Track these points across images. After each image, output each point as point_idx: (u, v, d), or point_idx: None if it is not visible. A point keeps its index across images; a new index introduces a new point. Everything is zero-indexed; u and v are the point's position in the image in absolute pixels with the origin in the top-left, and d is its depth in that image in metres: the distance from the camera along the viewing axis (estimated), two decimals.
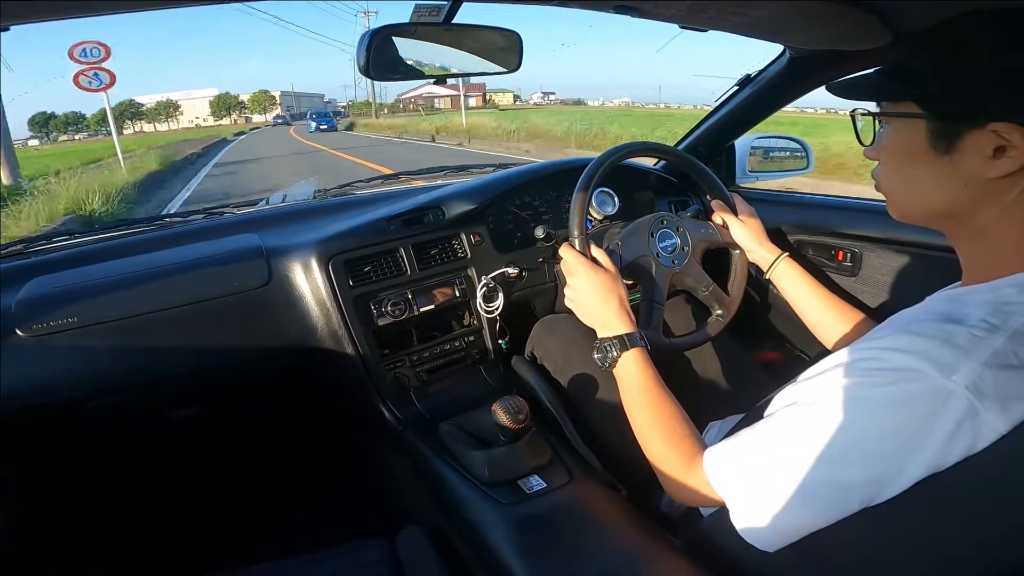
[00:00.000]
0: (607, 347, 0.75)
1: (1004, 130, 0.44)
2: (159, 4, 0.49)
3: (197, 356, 0.94)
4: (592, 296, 0.79)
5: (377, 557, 0.76)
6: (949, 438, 0.42)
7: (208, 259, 0.98)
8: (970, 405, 0.41)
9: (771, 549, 0.52)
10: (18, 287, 0.89)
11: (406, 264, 1.02)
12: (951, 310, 0.47)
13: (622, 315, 0.77)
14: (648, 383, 0.71)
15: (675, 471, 0.63)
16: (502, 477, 0.77)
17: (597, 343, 0.77)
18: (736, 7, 0.68)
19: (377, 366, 0.98)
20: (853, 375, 0.47)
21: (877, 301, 1.06)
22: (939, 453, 0.42)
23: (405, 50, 0.71)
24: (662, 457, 0.65)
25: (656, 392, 0.70)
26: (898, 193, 0.54)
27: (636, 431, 0.70)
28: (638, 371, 0.72)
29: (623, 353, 0.74)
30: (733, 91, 1.20)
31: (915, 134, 0.49)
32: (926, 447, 0.43)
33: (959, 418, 0.42)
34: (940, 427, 0.42)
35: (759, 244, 0.93)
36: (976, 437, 0.42)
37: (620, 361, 0.74)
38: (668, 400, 0.70)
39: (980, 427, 0.41)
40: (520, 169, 1.18)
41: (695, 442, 0.64)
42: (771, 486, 0.50)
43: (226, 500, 1.27)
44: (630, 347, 0.74)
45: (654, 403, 0.70)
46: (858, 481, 0.46)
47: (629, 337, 0.74)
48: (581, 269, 0.81)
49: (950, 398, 0.42)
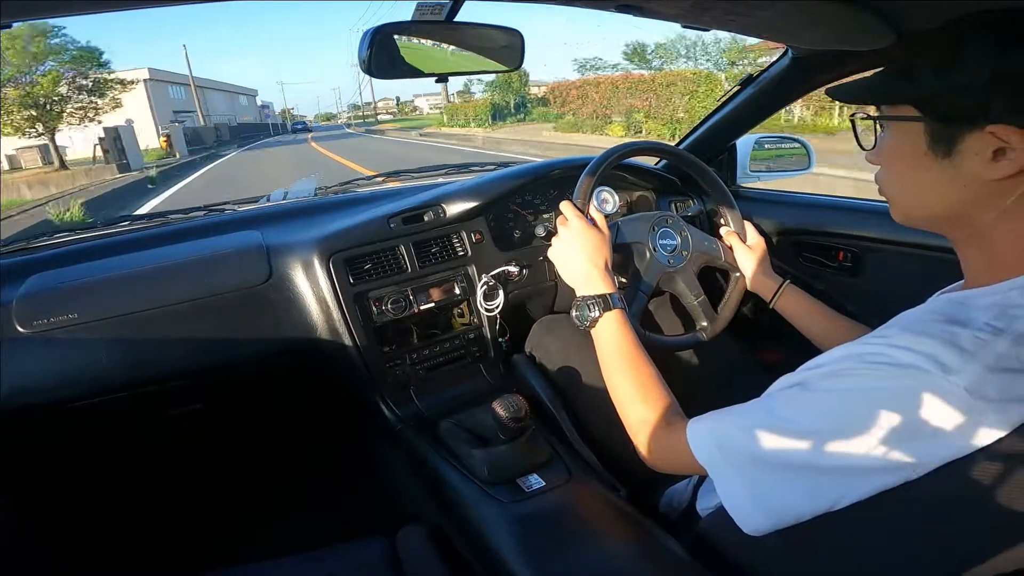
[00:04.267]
0: (588, 305, 0.75)
1: (1003, 132, 0.44)
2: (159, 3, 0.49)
3: (198, 353, 0.94)
4: (580, 251, 0.80)
5: (377, 556, 0.76)
6: (942, 437, 0.42)
7: (209, 256, 0.98)
8: (968, 406, 0.41)
9: (755, 530, 0.52)
10: (19, 283, 0.89)
11: (406, 262, 1.02)
12: (955, 312, 0.47)
13: (605, 276, 0.78)
14: (628, 345, 0.72)
15: (654, 435, 0.63)
16: (501, 475, 0.77)
17: (577, 301, 0.77)
18: (739, 7, 0.68)
19: (377, 364, 0.98)
20: (853, 366, 0.47)
21: (877, 302, 1.06)
22: (929, 451, 0.42)
23: (407, 48, 0.71)
24: (642, 419, 0.65)
25: (636, 355, 0.71)
26: (900, 197, 0.54)
27: (613, 394, 0.70)
28: (617, 332, 0.73)
29: (604, 313, 0.74)
30: (735, 91, 1.20)
31: (915, 137, 0.49)
32: (916, 443, 0.43)
33: (954, 418, 0.42)
34: (933, 425, 0.42)
35: (764, 273, 0.94)
36: (972, 438, 0.42)
37: (600, 321, 0.74)
38: (647, 364, 0.70)
39: (976, 429, 0.41)
40: (521, 168, 1.18)
41: (675, 407, 0.64)
42: (755, 461, 0.50)
43: (226, 498, 1.27)
44: (612, 308, 0.74)
45: (634, 366, 0.70)
46: (841, 469, 0.46)
47: (611, 297, 0.75)
48: (575, 223, 0.82)
49: (948, 398, 0.42)
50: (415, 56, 0.72)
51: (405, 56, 0.71)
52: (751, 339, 1.13)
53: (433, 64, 0.74)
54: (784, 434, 0.49)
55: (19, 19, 0.41)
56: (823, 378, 0.49)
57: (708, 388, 1.03)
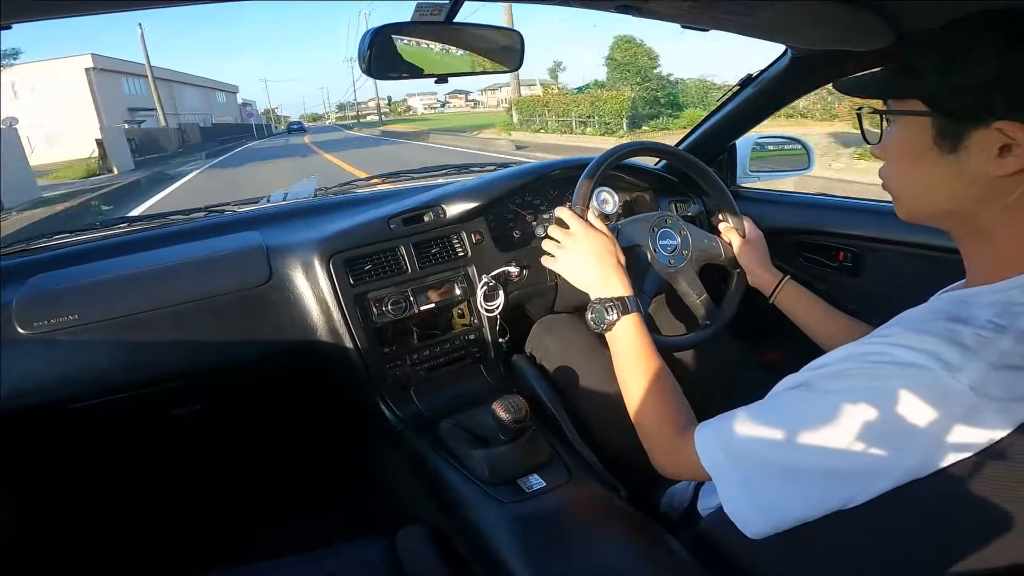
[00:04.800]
0: (606, 308, 0.72)
1: (1010, 129, 0.44)
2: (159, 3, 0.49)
3: (198, 354, 0.94)
4: (588, 256, 0.77)
5: (377, 556, 0.76)
6: (945, 438, 0.42)
7: (209, 257, 0.98)
8: (972, 405, 0.41)
9: (756, 534, 0.52)
10: (19, 284, 0.89)
11: (406, 263, 1.02)
12: (958, 310, 0.47)
13: (621, 277, 0.75)
14: (645, 349, 0.70)
15: (666, 441, 0.62)
16: (501, 476, 0.77)
17: (593, 304, 0.75)
18: (739, 7, 0.68)
19: (377, 364, 0.98)
20: (856, 366, 0.47)
21: (877, 302, 1.06)
22: (934, 450, 0.42)
23: (406, 49, 0.71)
24: (655, 425, 0.64)
25: (653, 359, 0.69)
26: (904, 192, 0.54)
27: (628, 399, 0.69)
28: (635, 336, 0.71)
29: (622, 317, 0.72)
30: (735, 91, 1.20)
31: (920, 132, 0.49)
32: (920, 444, 0.43)
33: (959, 418, 0.41)
34: (938, 425, 0.42)
35: (763, 268, 0.93)
36: (974, 437, 0.41)
37: (618, 325, 0.72)
38: (664, 370, 0.69)
39: (979, 428, 0.41)
40: (521, 168, 1.18)
41: (689, 414, 0.64)
42: (759, 465, 0.50)
43: (226, 498, 1.27)
44: (631, 311, 0.72)
45: (650, 370, 0.68)
46: (847, 471, 0.46)
47: (629, 300, 0.73)
48: (579, 229, 0.78)
49: (952, 396, 0.42)
50: (415, 57, 0.72)
51: (404, 57, 0.72)
52: (751, 339, 1.13)
53: (432, 65, 0.74)
54: (789, 437, 0.48)
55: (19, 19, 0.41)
56: (826, 379, 0.49)
57: (709, 388, 1.03)
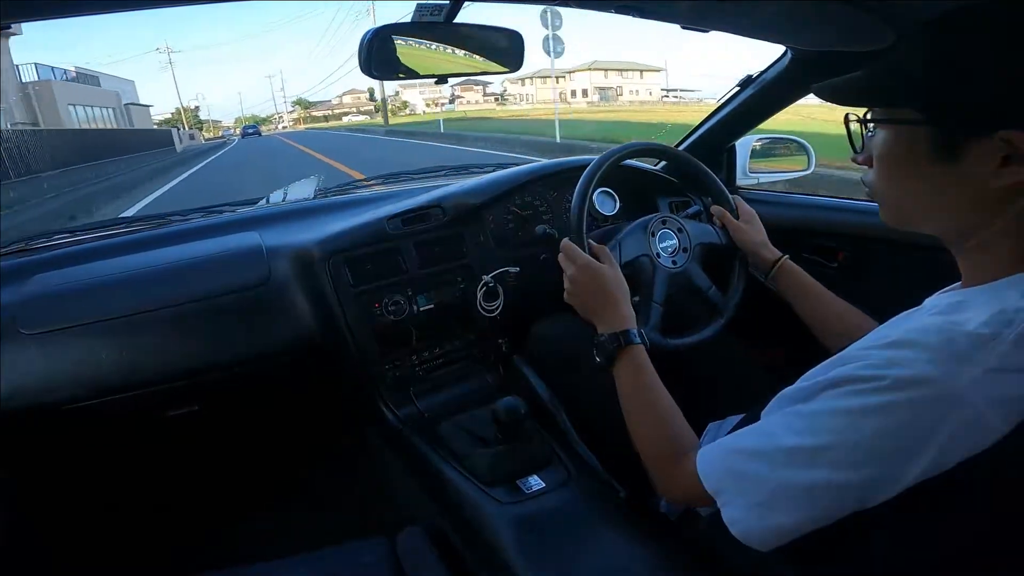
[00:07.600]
0: (606, 344, 0.74)
1: (1019, 139, 0.42)
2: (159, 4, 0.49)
3: (197, 354, 0.94)
4: (593, 292, 0.78)
5: (377, 556, 0.76)
6: (951, 442, 0.41)
7: (208, 257, 0.98)
8: (974, 410, 0.41)
9: (764, 549, 0.51)
10: (19, 285, 0.89)
11: (407, 263, 1.01)
12: (954, 313, 0.46)
13: (623, 311, 0.76)
14: (647, 381, 0.71)
15: (668, 469, 0.62)
16: (501, 476, 0.77)
17: (596, 339, 0.76)
18: (739, 7, 0.68)
19: (377, 365, 0.98)
20: (855, 378, 0.46)
21: (877, 302, 1.06)
22: (940, 456, 0.42)
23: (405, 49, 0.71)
24: (658, 456, 0.65)
25: (654, 391, 0.70)
26: (894, 201, 0.52)
27: (632, 429, 0.70)
28: (637, 370, 0.72)
29: (623, 351, 0.73)
30: (734, 91, 1.20)
31: (915, 141, 0.47)
32: (927, 451, 0.42)
33: (962, 423, 0.41)
34: (942, 432, 0.41)
35: (760, 247, 0.93)
36: (978, 440, 0.41)
37: (618, 360, 0.73)
38: (665, 399, 0.69)
39: (982, 430, 0.41)
40: (521, 169, 1.18)
41: (690, 440, 0.64)
42: (764, 486, 0.50)
43: (225, 499, 1.27)
44: (633, 342, 0.73)
45: (652, 402, 0.69)
46: (855, 483, 0.45)
47: (629, 334, 0.74)
48: (582, 264, 0.80)
49: (954, 403, 0.41)
50: (414, 57, 0.72)
51: (404, 57, 0.72)
52: (751, 338, 1.13)
53: (432, 65, 0.74)
54: (791, 457, 0.48)
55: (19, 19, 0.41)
56: (826, 395, 0.48)
57: (710, 389, 1.03)
